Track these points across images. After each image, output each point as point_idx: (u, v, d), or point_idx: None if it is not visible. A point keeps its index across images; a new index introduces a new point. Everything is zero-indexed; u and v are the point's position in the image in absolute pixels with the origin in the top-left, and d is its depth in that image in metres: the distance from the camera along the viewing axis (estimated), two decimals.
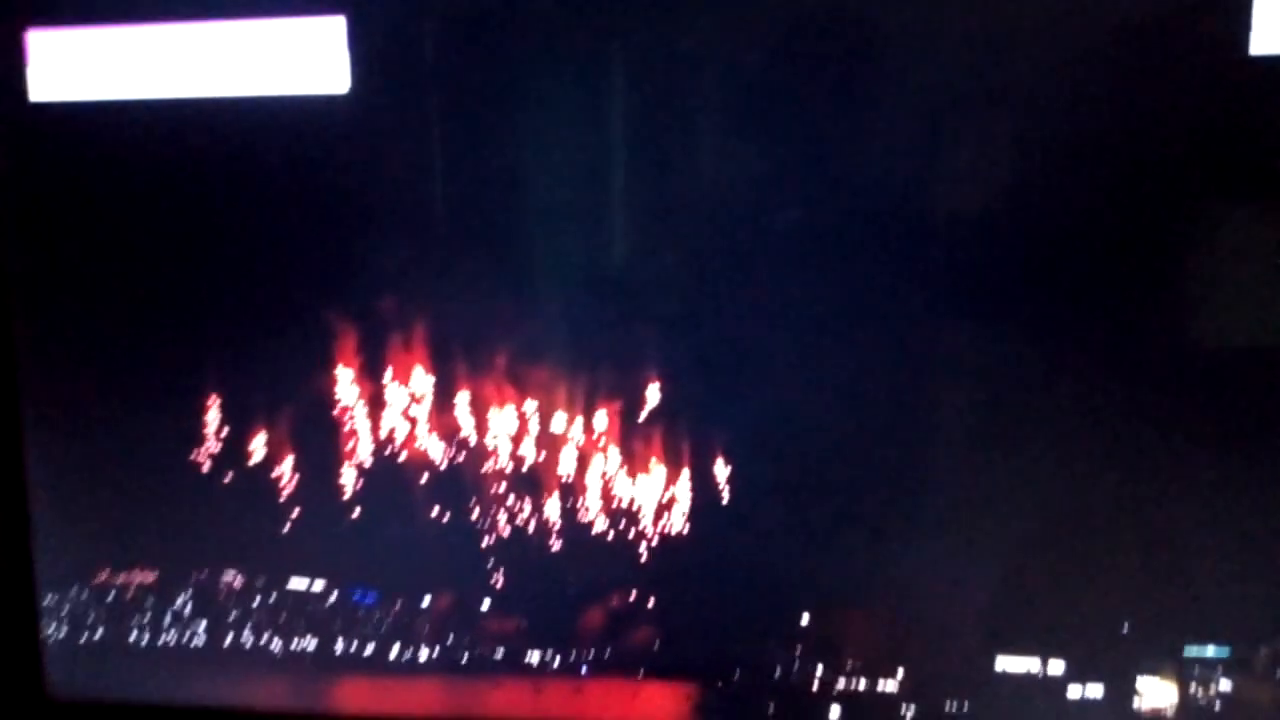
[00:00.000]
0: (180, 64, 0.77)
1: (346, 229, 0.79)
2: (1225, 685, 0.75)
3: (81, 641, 0.86)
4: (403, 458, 0.81)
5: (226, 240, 0.80)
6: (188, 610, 0.85)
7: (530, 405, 0.79)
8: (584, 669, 0.81)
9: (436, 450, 0.81)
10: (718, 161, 0.76)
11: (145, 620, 0.85)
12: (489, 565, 0.82)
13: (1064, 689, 0.77)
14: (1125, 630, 0.76)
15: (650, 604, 0.81)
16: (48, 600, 0.86)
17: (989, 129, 0.73)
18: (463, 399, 0.80)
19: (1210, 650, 0.75)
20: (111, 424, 0.84)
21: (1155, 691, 0.76)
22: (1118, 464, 0.75)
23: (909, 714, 0.78)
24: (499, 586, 0.82)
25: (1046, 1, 0.70)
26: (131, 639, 0.86)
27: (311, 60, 0.76)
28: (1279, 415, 0.72)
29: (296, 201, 0.79)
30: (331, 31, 0.75)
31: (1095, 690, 0.77)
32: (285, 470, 0.82)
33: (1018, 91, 0.72)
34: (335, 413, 0.81)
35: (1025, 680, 0.77)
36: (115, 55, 0.78)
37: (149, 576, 0.85)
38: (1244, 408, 0.73)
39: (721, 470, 0.78)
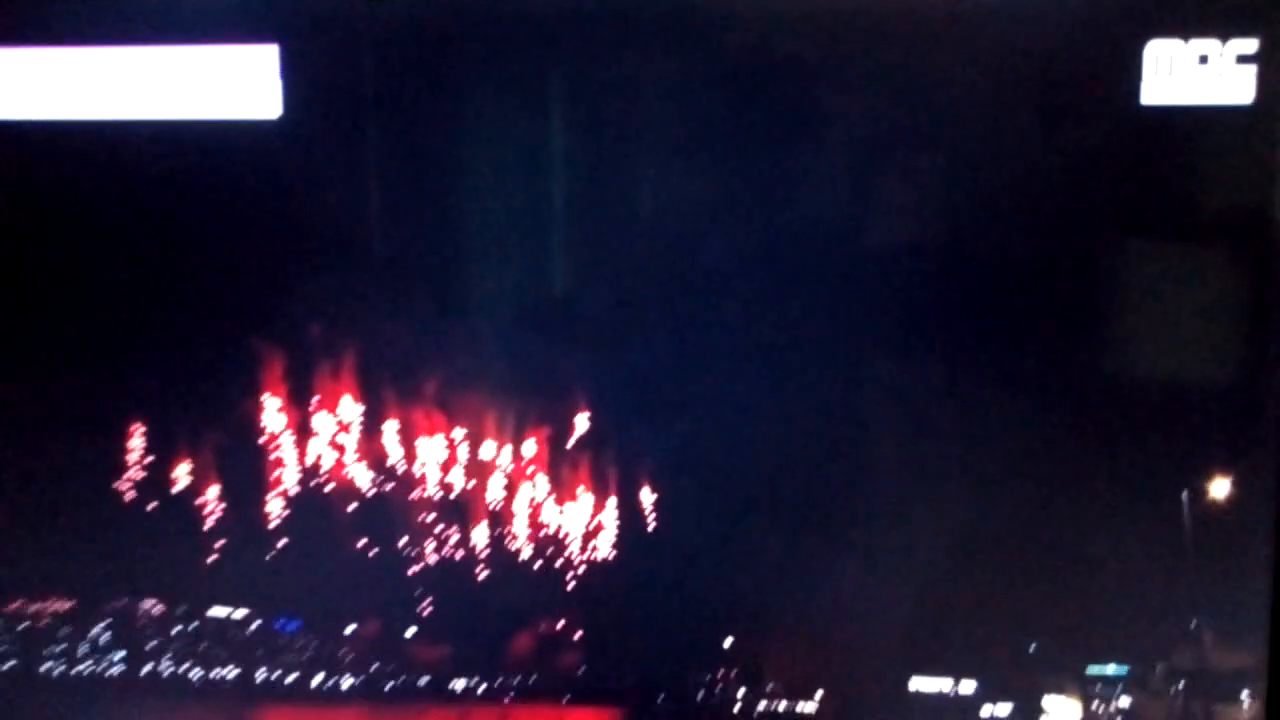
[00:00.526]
0: (114, 86, 0.77)
1: (276, 254, 0.79)
2: (1124, 702, 0.80)
3: None
4: (328, 486, 0.82)
5: (152, 263, 0.80)
6: (105, 639, 0.84)
7: (458, 433, 0.81)
8: (510, 695, 0.82)
9: (363, 478, 0.82)
10: (647, 194, 0.79)
11: (59, 650, 0.84)
12: (414, 593, 0.82)
13: (976, 708, 0.80)
14: (1032, 651, 0.80)
15: (576, 629, 0.82)
16: None
17: (908, 172, 0.77)
18: (390, 427, 0.81)
19: (1110, 669, 0.80)
20: (28, 448, 0.83)
21: (1060, 709, 0.80)
22: (1024, 497, 0.79)
23: None
24: (424, 614, 0.83)
25: (963, 57, 0.75)
26: (44, 669, 0.84)
27: (244, 86, 0.77)
28: (1172, 450, 0.77)
29: (226, 225, 0.79)
30: (264, 59, 0.76)
31: (1004, 709, 0.80)
32: (208, 498, 0.82)
33: (934, 137, 0.76)
34: (260, 440, 0.81)
35: (938, 700, 0.80)
36: (46, 76, 0.78)
37: (64, 605, 0.84)
38: (1140, 443, 0.77)
39: (647, 497, 0.80)
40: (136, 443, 0.81)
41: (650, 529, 0.80)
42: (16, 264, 0.81)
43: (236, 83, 0.77)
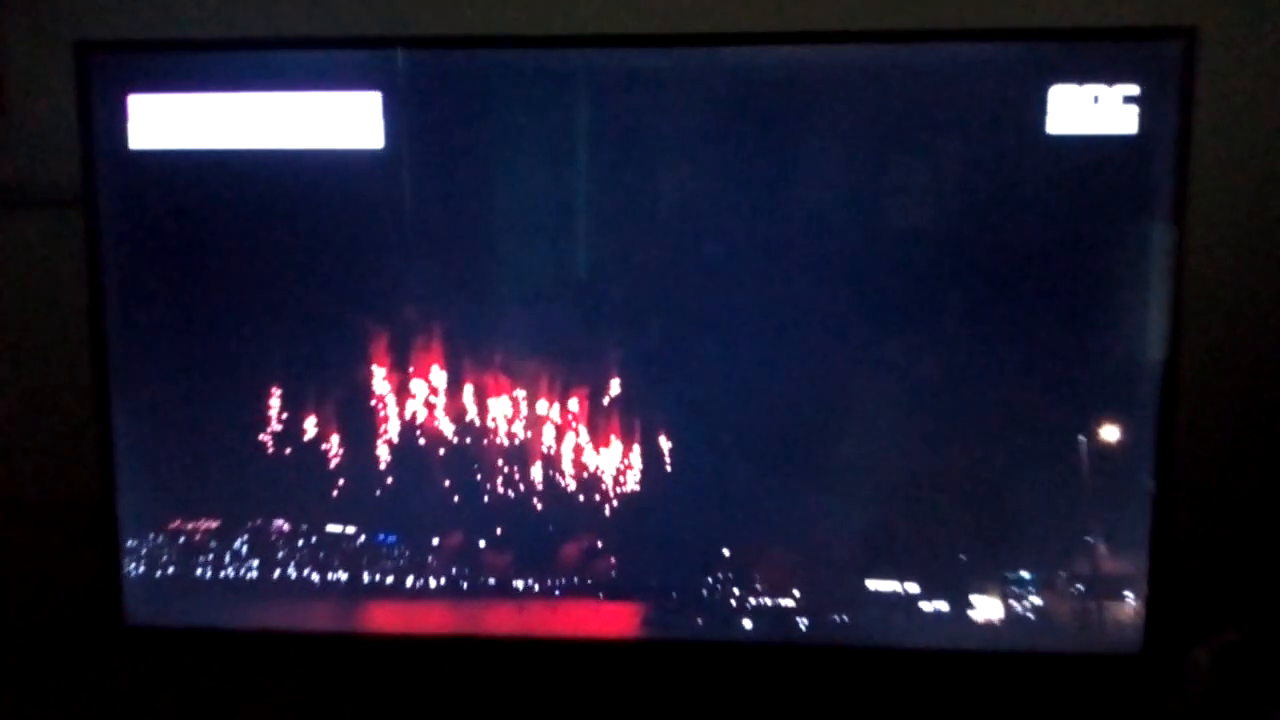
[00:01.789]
0: (254, 123, 0.97)
1: (380, 253, 0.98)
2: (1036, 600, 0.98)
3: (156, 576, 1.04)
4: (419, 433, 1.01)
5: (285, 259, 0.99)
6: (244, 550, 1.04)
7: (520, 393, 1.00)
8: (558, 592, 1.02)
9: (446, 427, 1.01)
10: (665, 212, 0.97)
11: (209, 559, 1.04)
12: (486, 514, 1.01)
13: (918, 604, 0.99)
14: (962, 559, 0.98)
15: (608, 543, 1.01)
16: (128, 543, 1.04)
17: (869, 185, 0.95)
18: (467, 388, 0.99)
19: (1024, 574, 0.98)
20: (185, 403, 1.02)
21: (985, 605, 0.98)
22: (958, 441, 0.97)
23: (804, 624, 1.00)
24: (493, 530, 1.01)
25: (913, 98, 0.93)
26: (197, 574, 1.04)
27: (355, 124, 0.96)
28: (1071, 403, 0.95)
29: (341, 231, 0.98)
30: (370, 103, 0.96)
31: (941, 605, 0.99)
32: (328, 441, 1.01)
33: (888, 162, 0.95)
34: (367, 398, 1.00)
35: (888, 597, 0.99)
36: (201, 116, 0.97)
37: (213, 524, 1.04)
38: (1046, 399, 0.95)
39: (663, 443, 0.99)
40: (268, 398, 1.01)
41: (664, 467, 0.99)
42: (180, 259, 1.00)
43: (350, 121, 0.96)
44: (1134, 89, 0.91)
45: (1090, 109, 0.92)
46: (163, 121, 0.98)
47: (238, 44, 1.00)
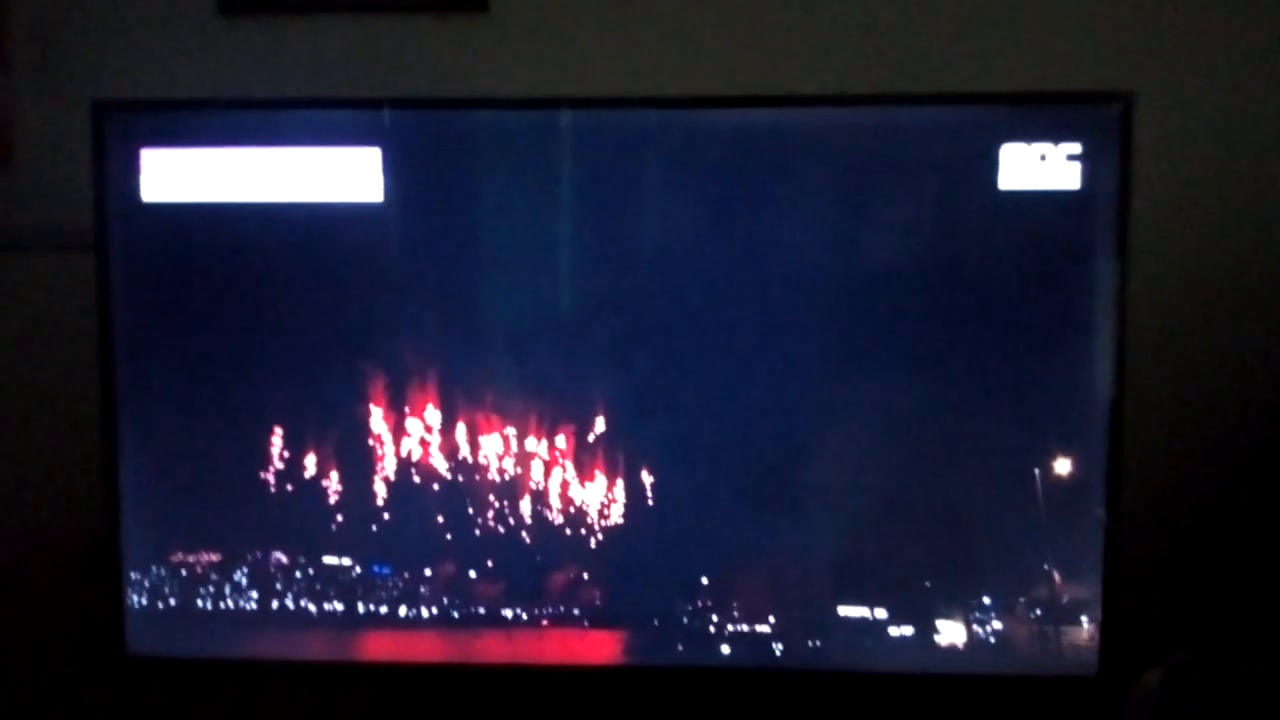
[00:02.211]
0: (259, 177, 1.03)
1: (378, 300, 1.03)
2: (997, 625, 1.03)
3: (159, 608, 1.08)
4: (413, 469, 1.05)
5: (286, 305, 1.04)
6: (244, 582, 1.07)
7: (510, 431, 1.05)
8: (545, 621, 1.06)
9: (438, 462, 1.05)
10: (651, 262, 1.02)
11: (209, 590, 1.07)
12: (476, 546, 1.05)
13: (886, 629, 1.03)
14: (927, 586, 1.03)
15: (593, 574, 1.05)
16: (131, 575, 1.07)
17: (834, 233, 1.02)
18: (459, 426, 1.04)
19: (986, 600, 1.03)
20: (189, 440, 1.06)
21: (949, 629, 1.03)
22: (921, 476, 1.02)
23: (779, 649, 1.04)
24: (483, 561, 1.06)
25: (874, 155, 1.00)
26: (198, 605, 1.07)
27: (356, 178, 1.02)
28: (1027, 441, 1.01)
29: (339, 279, 1.03)
30: (370, 159, 1.02)
31: (908, 630, 1.04)
32: (324, 477, 1.05)
33: (850, 212, 1.01)
34: (362, 435, 1.05)
35: (858, 623, 1.03)
36: (210, 169, 1.03)
37: (214, 556, 1.07)
38: (1002, 437, 1.01)
39: (645, 477, 1.04)
40: (273, 438, 1.05)
41: (647, 500, 1.04)
42: (185, 304, 1.05)
43: (351, 176, 1.02)
44: (1077, 148, 0.98)
45: (1038, 166, 0.99)
46: (173, 175, 1.03)
47: (244, 104, 1.06)
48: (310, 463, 1.06)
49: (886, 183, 1.01)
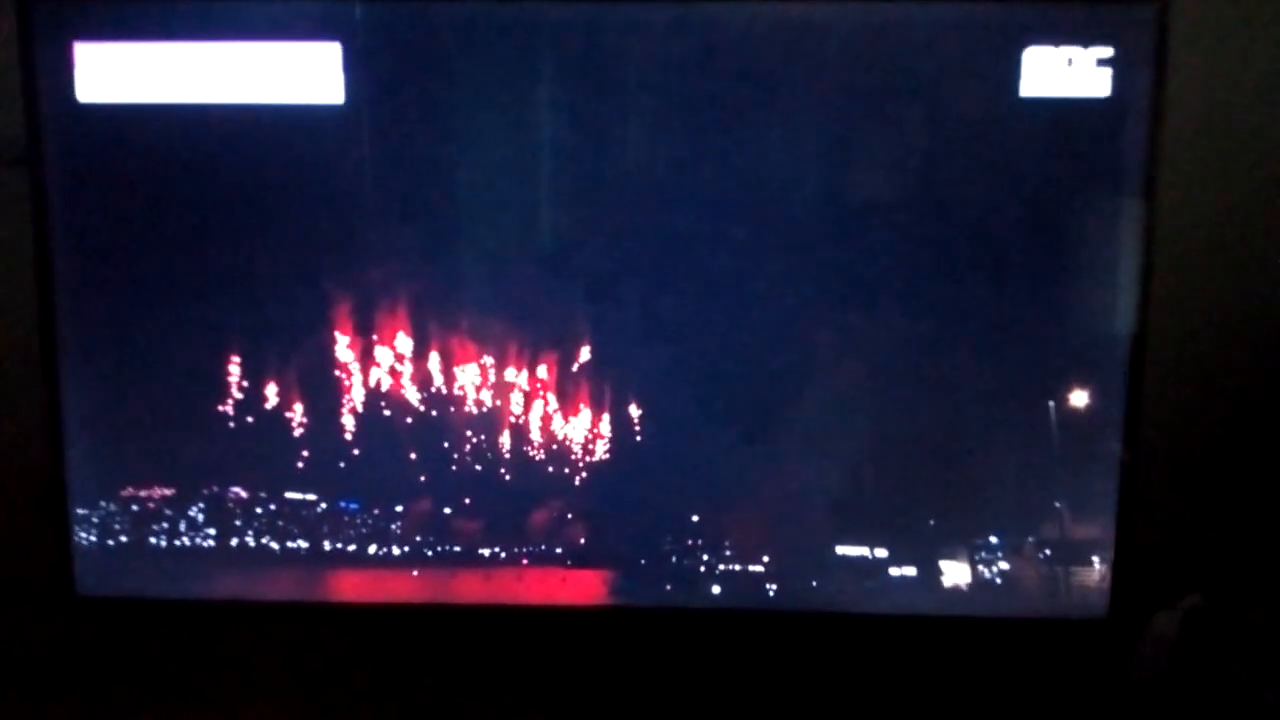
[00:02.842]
0: (207, 75, 0.94)
1: (341, 214, 0.95)
2: (1004, 565, 0.98)
3: (108, 545, 1.01)
4: (382, 399, 0.99)
5: (242, 219, 0.96)
6: (200, 518, 1.01)
7: (487, 359, 0.98)
8: (525, 560, 1.01)
9: (409, 392, 0.98)
10: (637, 170, 0.95)
11: (163, 527, 1.01)
12: (452, 481, 0.99)
13: (886, 569, 0.99)
14: (930, 524, 0.98)
15: (576, 511, 1.00)
16: (78, 511, 1.01)
17: (842, 149, 0.94)
18: (432, 353, 0.97)
19: (992, 539, 0.98)
20: (137, 367, 0.99)
21: (953, 571, 0.99)
22: (926, 407, 0.96)
23: (772, 590, 1.00)
24: (459, 498, 1.00)
25: (887, 59, 0.92)
26: (151, 543, 1.01)
27: (314, 76, 0.93)
28: (1041, 367, 0.95)
29: (298, 190, 0.95)
30: (330, 55, 0.93)
31: (909, 570, 0.99)
32: (285, 407, 0.98)
33: (863, 123, 0.93)
34: (326, 362, 0.98)
35: (858, 563, 0.99)
36: (152, 66, 0.94)
37: (167, 491, 1.01)
38: (1016, 363, 0.95)
39: (632, 411, 0.98)
40: (229, 364, 0.98)
41: (633, 433, 0.98)
42: (129, 219, 0.97)
43: (308, 73, 0.93)
44: (1108, 51, 0.91)
45: (1064, 71, 0.91)
46: (111, 72, 0.94)
47: None
48: (271, 391, 0.99)
49: (895, 90, 0.93)
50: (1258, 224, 1.09)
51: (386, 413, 1.00)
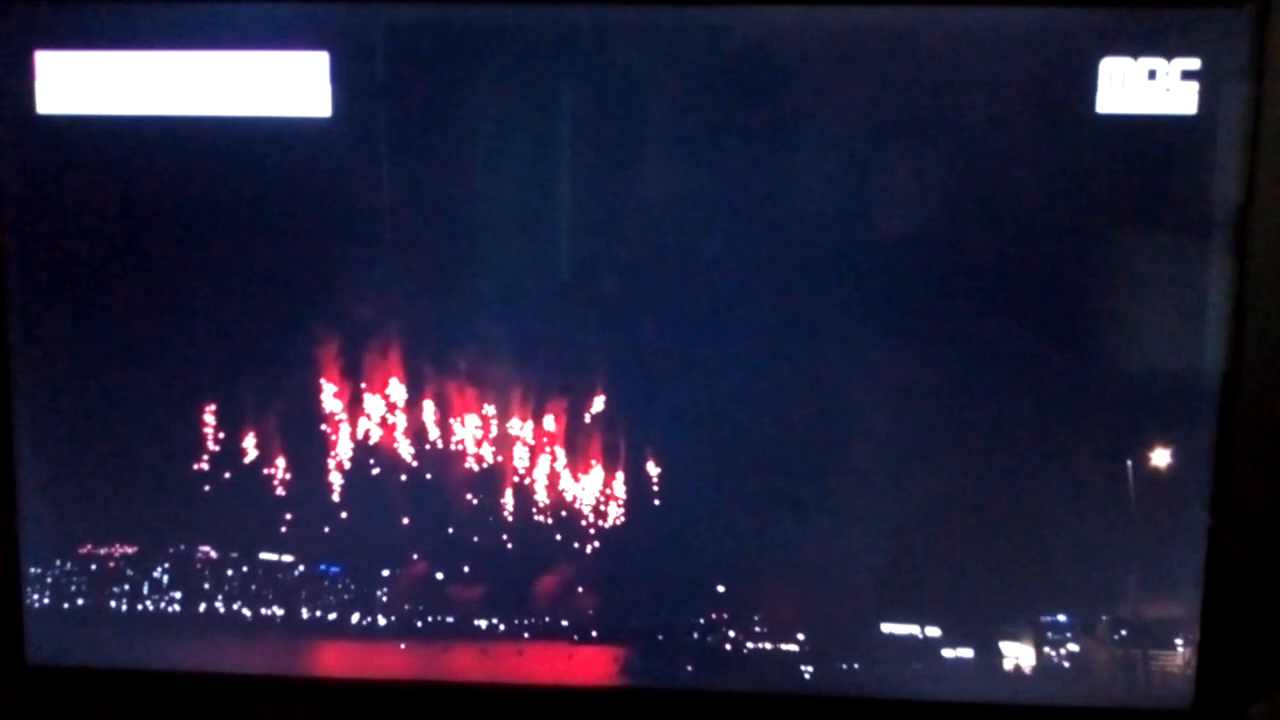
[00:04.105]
0: (180, 86, 0.86)
1: (325, 239, 0.87)
2: (1073, 647, 0.88)
3: (64, 608, 0.93)
4: (370, 453, 0.90)
5: (216, 245, 0.88)
6: (165, 580, 0.92)
7: (488, 407, 0.89)
8: (527, 635, 0.91)
9: (399, 442, 0.90)
10: (653, 199, 0.87)
11: (124, 589, 0.92)
12: (446, 544, 0.91)
13: (939, 650, 0.89)
14: (991, 601, 0.88)
15: (587, 578, 0.90)
16: (31, 570, 0.92)
17: (893, 171, 0.85)
18: (426, 399, 0.89)
19: (1061, 617, 0.88)
20: (98, 411, 0.91)
21: (1016, 653, 0.89)
22: (986, 466, 0.87)
23: (809, 672, 0.90)
24: (454, 562, 0.91)
25: (951, 69, 0.83)
26: (111, 606, 0.93)
27: (300, 88, 0.85)
28: (1118, 423, 0.86)
29: (279, 213, 0.87)
30: (317, 65, 0.85)
31: (966, 652, 0.89)
32: (262, 458, 0.90)
33: (922, 140, 0.85)
34: (306, 408, 0.89)
35: (906, 642, 0.89)
36: (120, 76, 0.86)
37: (129, 549, 0.92)
38: (1090, 418, 0.86)
39: (650, 467, 0.89)
40: (200, 409, 0.90)
41: (652, 493, 0.89)
42: (92, 245, 0.89)
43: (292, 85, 0.85)
44: (1195, 63, 0.82)
45: (1145, 85, 0.82)
46: (74, 82, 0.87)
47: None
48: (245, 440, 0.91)
49: (955, 105, 0.84)
50: None
51: (372, 465, 0.91)
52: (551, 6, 0.85)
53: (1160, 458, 0.86)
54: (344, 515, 0.91)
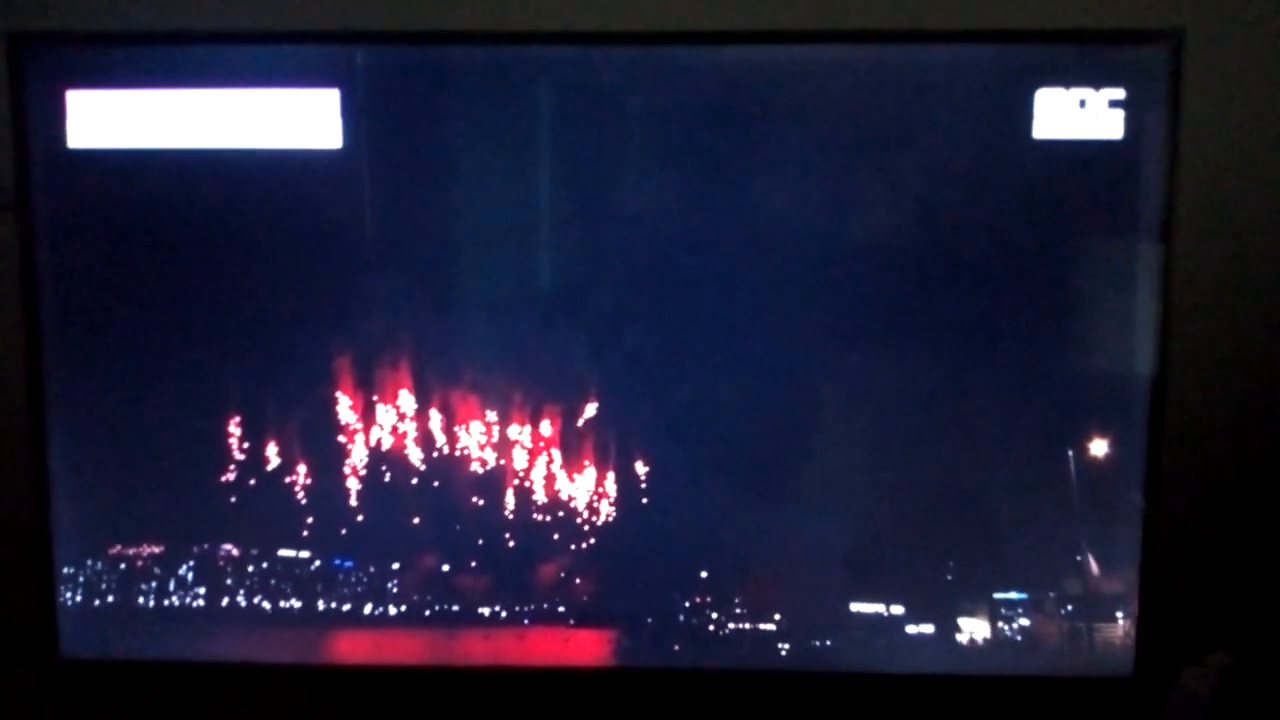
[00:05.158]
0: (201, 121, 0.92)
1: (337, 261, 0.93)
2: (1025, 622, 0.95)
3: (94, 605, 0.98)
4: (377, 451, 0.95)
5: (235, 267, 0.93)
6: (190, 577, 0.97)
7: (489, 412, 0.95)
8: (526, 620, 0.97)
9: (407, 445, 0.95)
10: (644, 220, 0.92)
11: (151, 586, 0.97)
12: (450, 538, 0.96)
13: (903, 627, 0.95)
14: (949, 580, 0.95)
15: (581, 568, 0.96)
16: (64, 569, 0.97)
17: (851, 192, 0.92)
18: (431, 405, 0.94)
19: (1013, 595, 0.95)
20: (126, 420, 0.96)
21: (973, 628, 0.95)
22: (941, 458, 0.94)
23: (785, 649, 0.96)
24: (457, 554, 0.96)
25: (897, 100, 0.90)
26: (139, 603, 0.97)
27: (312, 122, 0.91)
28: (1059, 417, 0.92)
29: (293, 238, 0.93)
30: (328, 101, 0.91)
31: (927, 628, 0.95)
32: (279, 461, 0.95)
33: (872, 164, 0.91)
34: (321, 414, 0.95)
35: (873, 620, 0.95)
36: (147, 113, 0.92)
37: (156, 549, 0.97)
38: (1033, 413, 0.92)
39: (638, 464, 0.95)
40: (221, 416, 0.95)
41: (639, 487, 0.95)
42: (120, 266, 0.94)
43: (305, 120, 0.91)
44: (1121, 93, 0.89)
45: (1076, 113, 0.90)
46: (103, 119, 0.92)
47: (184, 38, 0.93)
48: (264, 445, 0.96)
49: (904, 133, 0.91)
50: (1278, 268, 1.06)
51: (383, 465, 0.96)
52: (546, 47, 0.91)
53: (1099, 448, 0.93)
54: (356, 513, 0.96)
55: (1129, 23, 0.94)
